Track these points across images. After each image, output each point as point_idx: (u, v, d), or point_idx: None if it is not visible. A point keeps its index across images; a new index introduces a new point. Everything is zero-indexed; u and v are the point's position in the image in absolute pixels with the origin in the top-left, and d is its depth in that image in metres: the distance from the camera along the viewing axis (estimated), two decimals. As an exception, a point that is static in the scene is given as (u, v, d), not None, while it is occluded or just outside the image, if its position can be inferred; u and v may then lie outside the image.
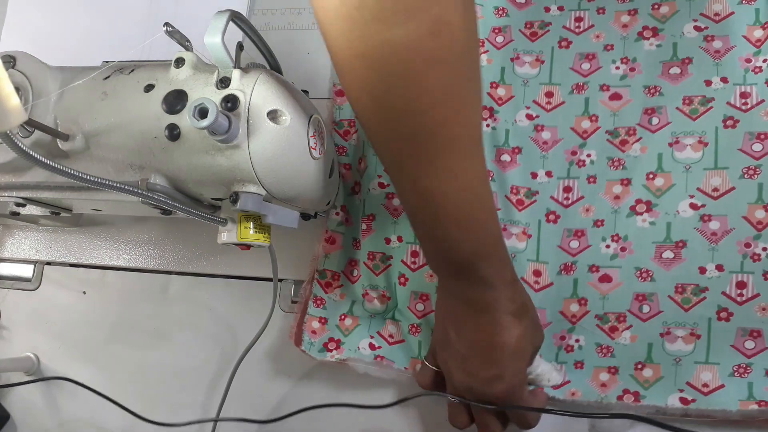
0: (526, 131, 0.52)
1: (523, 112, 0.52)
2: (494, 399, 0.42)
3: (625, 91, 0.50)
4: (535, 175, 0.51)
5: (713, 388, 0.43)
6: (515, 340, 0.40)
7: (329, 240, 0.54)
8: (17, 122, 0.27)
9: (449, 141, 0.35)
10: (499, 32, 0.54)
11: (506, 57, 0.53)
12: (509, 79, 0.53)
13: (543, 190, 0.50)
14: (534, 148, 0.51)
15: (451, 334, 0.43)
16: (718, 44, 0.49)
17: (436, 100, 0.33)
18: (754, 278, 0.44)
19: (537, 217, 0.50)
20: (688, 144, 0.47)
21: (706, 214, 0.46)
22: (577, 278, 0.48)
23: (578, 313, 0.48)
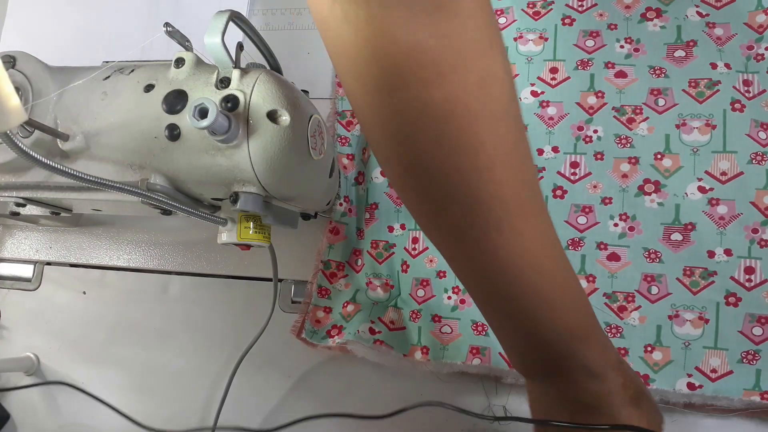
0: (531, 108, 0.52)
1: (528, 89, 0.52)
2: None
3: (630, 70, 0.50)
4: (541, 151, 0.51)
5: (721, 374, 0.44)
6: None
7: (333, 231, 0.54)
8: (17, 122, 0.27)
9: (515, 200, 0.31)
10: (501, 14, 0.54)
11: (509, 37, 0.54)
12: (513, 57, 0.53)
13: (549, 166, 0.50)
14: (539, 125, 0.51)
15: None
16: (719, 31, 0.49)
17: (494, 157, 0.30)
18: (762, 264, 0.45)
19: (544, 193, 0.50)
20: (695, 127, 0.48)
21: (714, 198, 0.46)
22: (585, 254, 0.48)
23: (586, 290, 0.48)
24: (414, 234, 0.52)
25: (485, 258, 0.32)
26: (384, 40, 0.28)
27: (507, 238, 0.31)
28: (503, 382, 0.48)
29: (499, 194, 0.30)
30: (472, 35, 0.29)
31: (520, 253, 0.31)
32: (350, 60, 0.30)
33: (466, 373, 0.49)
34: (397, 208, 0.53)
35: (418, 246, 0.51)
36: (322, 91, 0.58)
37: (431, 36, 0.28)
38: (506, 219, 0.31)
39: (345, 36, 0.29)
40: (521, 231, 0.31)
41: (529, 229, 0.31)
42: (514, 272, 0.31)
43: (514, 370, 0.47)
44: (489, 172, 0.30)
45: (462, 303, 0.50)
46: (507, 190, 0.30)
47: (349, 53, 0.29)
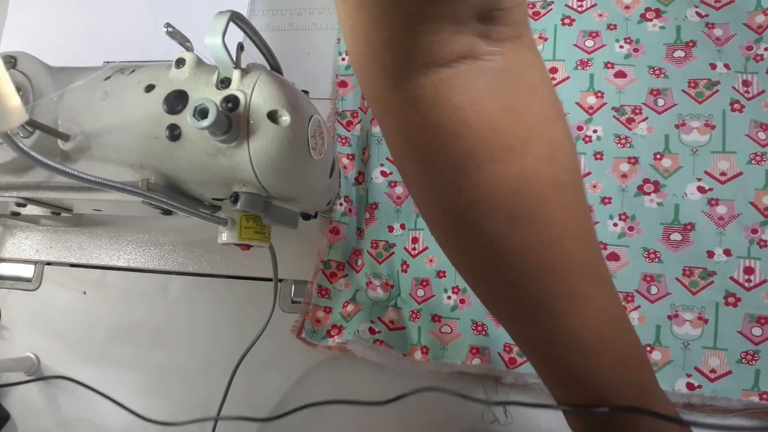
0: None
1: None
2: None
3: (629, 70, 0.51)
4: None
5: (720, 374, 0.44)
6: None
7: (333, 230, 0.54)
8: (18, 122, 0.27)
9: (584, 268, 0.31)
10: None
11: None
12: None
13: None
14: None
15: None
16: (719, 32, 0.49)
17: (564, 227, 0.30)
18: (762, 264, 0.45)
19: None
20: (695, 127, 0.48)
21: (713, 198, 0.47)
22: None
23: None
24: (414, 234, 0.52)
25: (556, 328, 0.31)
26: (456, 121, 0.27)
27: (578, 307, 0.31)
28: (503, 382, 0.48)
29: (570, 264, 0.30)
30: (538, 109, 0.29)
31: (590, 319, 0.31)
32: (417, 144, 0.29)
33: (466, 373, 0.49)
34: (396, 208, 0.53)
35: (418, 246, 0.52)
36: (322, 91, 0.58)
37: (500, 113, 0.27)
38: (577, 288, 0.30)
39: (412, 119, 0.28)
40: (592, 297, 0.31)
41: (598, 295, 0.31)
42: (584, 339, 0.31)
43: (514, 369, 0.47)
44: (560, 243, 0.30)
45: (462, 303, 0.50)
46: (577, 259, 0.30)
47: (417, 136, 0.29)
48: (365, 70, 0.29)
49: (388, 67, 0.28)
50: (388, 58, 0.27)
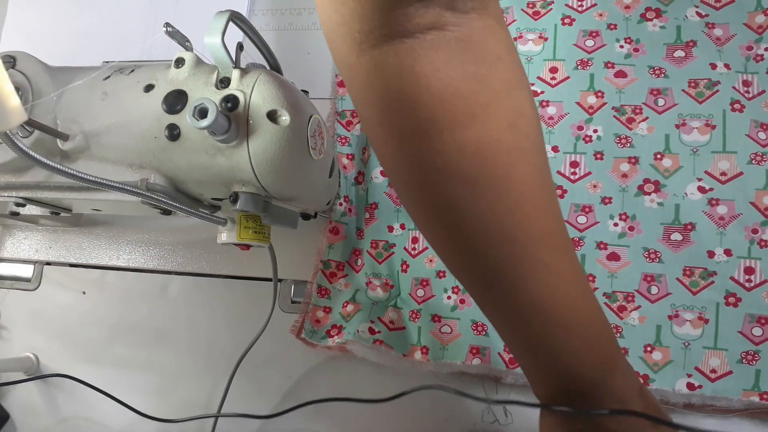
0: None
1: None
2: None
3: (630, 70, 0.51)
4: None
5: (721, 374, 0.44)
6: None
7: (333, 230, 0.54)
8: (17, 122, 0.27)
9: (545, 236, 0.31)
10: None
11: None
12: None
13: (549, 165, 0.50)
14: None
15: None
16: (719, 32, 0.49)
17: (524, 193, 0.30)
18: (762, 264, 0.45)
19: None
20: (695, 127, 0.48)
21: (713, 198, 0.47)
22: (585, 254, 0.48)
23: None
24: (414, 234, 0.52)
25: (518, 294, 0.32)
26: (417, 88, 0.28)
27: (539, 273, 0.31)
28: (503, 382, 0.48)
29: (530, 230, 0.30)
30: (501, 76, 0.29)
31: (551, 286, 0.31)
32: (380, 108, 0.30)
33: (466, 373, 0.49)
34: (396, 208, 0.53)
35: (418, 246, 0.52)
36: (322, 91, 0.58)
37: (462, 80, 0.28)
38: (537, 254, 0.31)
39: (375, 85, 0.29)
40: (551, 264, 0.31)
41: (558, 263, 0.32)
42: (546, 306, 0.32)
43: (514, 369, 0.47)
44: (520, 209, 0.30)
45: (462, 303, 0.50)
46: (537, 226, 0.31)
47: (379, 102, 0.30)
48: (334, 36, 0.30)
49: (356, 35, 0.29)
50: (356, 27, 0.29)
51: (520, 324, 0.34)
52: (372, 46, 0.28)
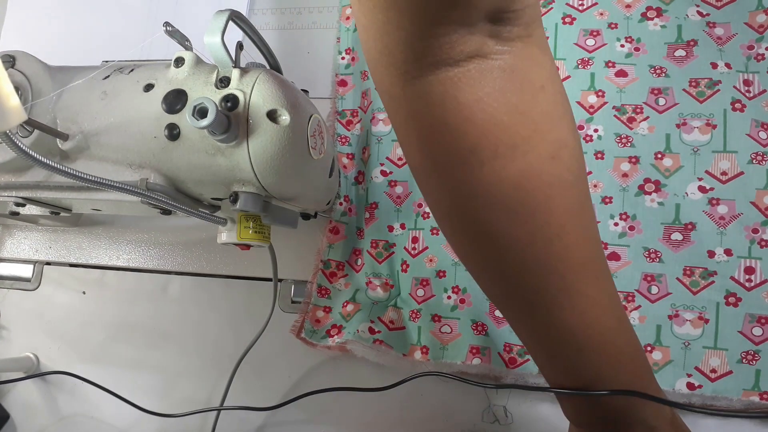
0: None
1: None
2: None
3: (630, 69, 0.50)
4: None
5: (721, 374, 0.44)
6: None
7: (333, 230, 0.54)
8: (17, 122, 0.26)
9: (582, 265, 0.31)
10: None
11: None
12: None
13: None
14: None
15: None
16: (720, 31, 0.49)
17: (564, 224, 0.30)
18: (762, 264, 0.45)
19: None
20: (696, 126, 0.48)
21: (714, 198, 0.46)
22: None
23: None
24: (414, 234, 0.52)
25: (553, 322, 0.32)
26: (460, 118, 0.28)
27: (576, 302, 0.31)
28: (504, 383, 0.48)
29: (569, 261, 0.31)
30: (544, 108, 0.29)
31: (587, 315, 0.32)
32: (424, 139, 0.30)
33: (466, 373, 0.49)
34: (396, 208, 0.53)
35: (418, 246, 0.51)
36: (322, 91, 0.58)
37: (505, 111, 0.28)
38: (575, 284, 0.31)
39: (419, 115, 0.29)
40: (588, 294, 0.31)
41: (595, 291, 0.32)
42: (580, 334, 0.32)
43: (514, 369, 0.47)
44: (559, 240, 0.30)
45: (462, 303, 0.50)
46: (576, 256, 0.31)
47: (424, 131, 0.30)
48: (377, 65, 0.30)
49: (400, 64, 0.28)
50: (400, 56, 0.28)
51: (555, 350, 0.34)
52: (416, 76, 0.28)
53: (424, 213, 0.52)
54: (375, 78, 0.31)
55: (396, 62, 0.28)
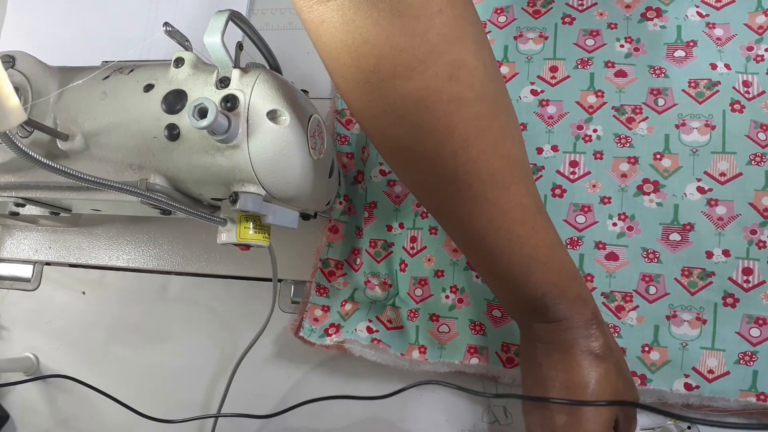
0: (531, 107, 0.52)
1: (527, 88, 0.52)
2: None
3: (630, 69, 0.50)
4: (540, 150, 0.51)
5: (718, 375, 0.44)
6: (594, 382, 0.37)
7: (332, 229, 0.54)
8: (17, 122, 0.27)
9: (489, 175, 0.34)
10: (501, 12, 0.54)
11: (509, 36, 0.54)
12: (513, 56, 0.53)
13: (549, 164, 0.51)
14: (539, 123, 0.51)
15: (528, 379, 0.41)
16: (719, 32, 0.49)
17: (467, 138, 0.33)
18: (760, 265, 0.45)
19: (543, 193, 0.50)
20: (695, 127, 0.48)
21: (712, 199, 0.47)
22: (584, 254, 0.48)
23: None
24: (412, 233, 0.52)
25: (467, 228, 0.36)
26: (357, 41, 0.31)
27: (483, 211, 0.35)
28: (501, 382, 0.48)
29: (475, 171, 0.34)
30: (440, 30, 0.31)
31: (495, 222, 0.35)
32: (333, 60, 0.33)
33: (464, 373, 0.49)
34: (395, 207, 0.53)
35: (417, 245, 0.51)
36: (321, 91, 0.58)
37: (400, 35, 0.30)
38: (483, 193, 0.34)
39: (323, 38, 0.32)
40: (495, 203, 0.35)
41: (503, 201, 0.35)
42: (490, 240, 0.36)
43: (512, 369, 0.47)
44: (464, 152, 0.33)
45: (460, 302, 0.50)
46: (482, 167, 0.34)
47: (331, 53, 0.33)
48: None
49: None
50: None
51: (472, 253, 0.39)
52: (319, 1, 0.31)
53: (423, 212, 0.52)
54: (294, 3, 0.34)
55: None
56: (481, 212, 0.35)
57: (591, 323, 0.38)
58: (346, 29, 0.31)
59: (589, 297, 0.39)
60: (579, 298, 0.38)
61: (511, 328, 0.48)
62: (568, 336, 0.38)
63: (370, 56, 0.31)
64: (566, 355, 0.38)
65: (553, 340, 0.39)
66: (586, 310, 0.38)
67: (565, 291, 0.38)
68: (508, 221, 0.35)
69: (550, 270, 0.37)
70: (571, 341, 0.38)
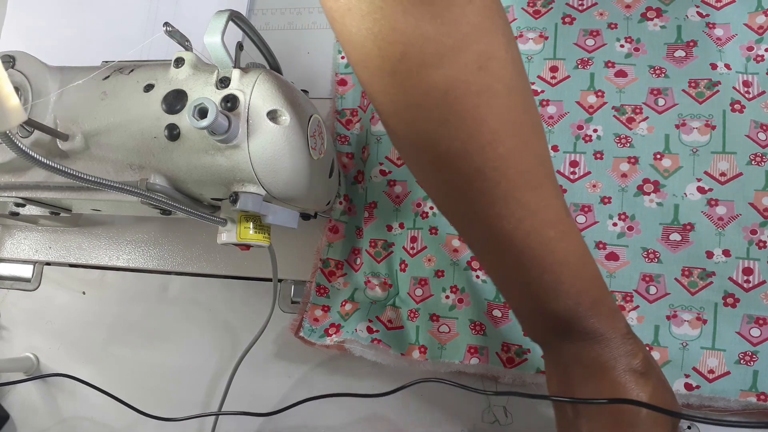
0: None
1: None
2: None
3: (630, 69, 0.50)
4: None
5: (719, 375, 0.44)
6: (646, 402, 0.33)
7: (333, 229, 0.54)
8: (17, 122, 0.27)
9: (519, 174, 0.32)
10: None
11: None
12: None
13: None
14: None
15: (568, 412, 0.36)
16: (719, 32, 0.49)
17: (496, 133, 0.31)
18: (760, 265, 0.45)
19: None
20: (695, 127, 0.48)
21: (713, 198, 0.47)
22: None
23: None
24: (412, 233, 0.52)
25: (494, 231, 0.33)
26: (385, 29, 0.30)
27: (513, 210, 0.32)
28: (501, 382, 0.48)
29: (504, 169, 0.32)
30: (471, 19, 0.30)
31: (525, 224, 0.33)
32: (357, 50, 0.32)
33: (464, 373, 0.49)
34: (395, 207, 0.53)
35: (417, 245, 0.51)
36: (321, 91, 0.58)
37: (430, 22, 0.29)
38: (511, 192, 0.32)
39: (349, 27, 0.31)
40: (525, 203, 0.32)
41: (533, 201, 0.33)
42: (519, 243, 0.33)
43: (512, 369, 0.47)
44: (492, 148, 0.31)
45: (460, 302, 0.50)
46: (511, 164, 0.32)
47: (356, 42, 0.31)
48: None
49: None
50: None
51: (497, 260, 0.36)
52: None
53: (423, 212, 0.52)
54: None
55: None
56: (510, 213, 0.32)
57: (627, 338, 0.35)
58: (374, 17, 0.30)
59: (618, 309, 0.36)
60: (611, 310, 0.35)
61: (512, 328, 0.48)
62: (606, 355, 0.34)
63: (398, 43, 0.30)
64: (609, 378, 0.34)
65: (590, 362, 0.34)
66: (619, 324, 0.35)
67: (597, 302, 0.35)
68: (538, 222, 0.33)
69: (582, 277, 0.34)
70: (611, 361, 0.34)
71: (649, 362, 0.35)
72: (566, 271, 0.34)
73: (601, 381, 0.34)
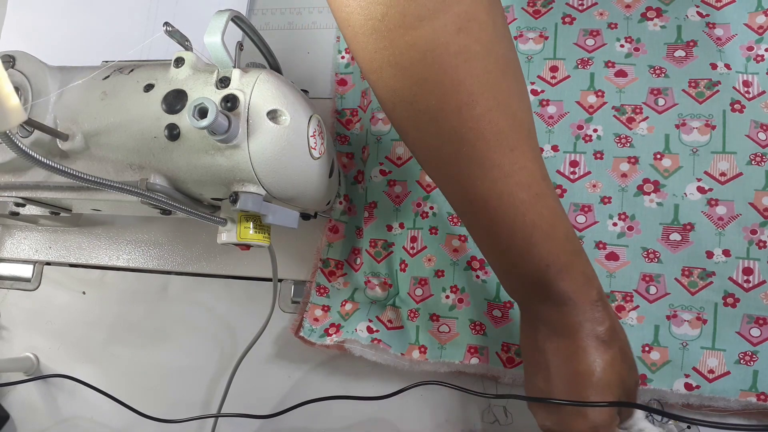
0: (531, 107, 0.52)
1: (527, 87, 0.52)
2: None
3: (630, 69, 0.50)
4: (540, 150, 0.51)
5: (719, 374, 0.44)
6: (600, 369, 0.35)
7: (333, 229, 0.54)
8: (17, 122, 0.27)
9: (494, 134, 0.33)
10: None
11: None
12: None
13: (549, 164, 0.50)
14: (539, 123, 0.51)
15: (530, 367, 0.39)
16: (719, 32, 0.49)
17: (473, 94, 0.32)
18: (760, 265, 0.45)
19: None
20: (695, 127, 0.48)
21: (713, 198, 0.47)
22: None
23: None
24: (413, 233, 0.52)
25: (469, 192, 0.34)
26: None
27: (486, 172, 0.33)
28: (501, 382, 0.48)
29: (479, 130, 0.33)
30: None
31: (498, 186, 0.33)
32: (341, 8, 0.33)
33: (465, 373, 0.49)
34: (395, 207, 0.53)
35: (417, 245, 0.52)
36: (322, 91, 0.58)
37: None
38: (486, 153, 0.33)
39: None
40: (499, 164, 0.33)
41: (507, 163, 0.33)
42: (492, 205, 0.34)
43: (512, 369, 0.47)
44: (469, 109, 0.32)
45: (460, 302, 0.50)
46: (486, 126, 0.33)
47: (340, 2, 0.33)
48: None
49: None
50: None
51: (473, 221, 0.37)
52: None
53: (423, 212, 0.52)
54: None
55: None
56: (483, 174, 0.33)
57: (596, 305, 0.36)
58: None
59: (593, 276, 0.37)
60: (583, 276, 0.36)
61: (512, 328, 0.48)
62: (572, 319, 0.35)
63: (380, 4, 0.31)
64: (570, 340, 0.36)
65: (557, 322, 0.36)
66: (591, 290, 0.36)
67: (569, 265, 0.35)
68: (511, 185, 0.33)
69: (553, 239, 0.35)
70: (576, 325, 0.35)
71: (615, 333, 0.36)
72: (537, 233, 0.34)
73: (564, 341, 0.36)
